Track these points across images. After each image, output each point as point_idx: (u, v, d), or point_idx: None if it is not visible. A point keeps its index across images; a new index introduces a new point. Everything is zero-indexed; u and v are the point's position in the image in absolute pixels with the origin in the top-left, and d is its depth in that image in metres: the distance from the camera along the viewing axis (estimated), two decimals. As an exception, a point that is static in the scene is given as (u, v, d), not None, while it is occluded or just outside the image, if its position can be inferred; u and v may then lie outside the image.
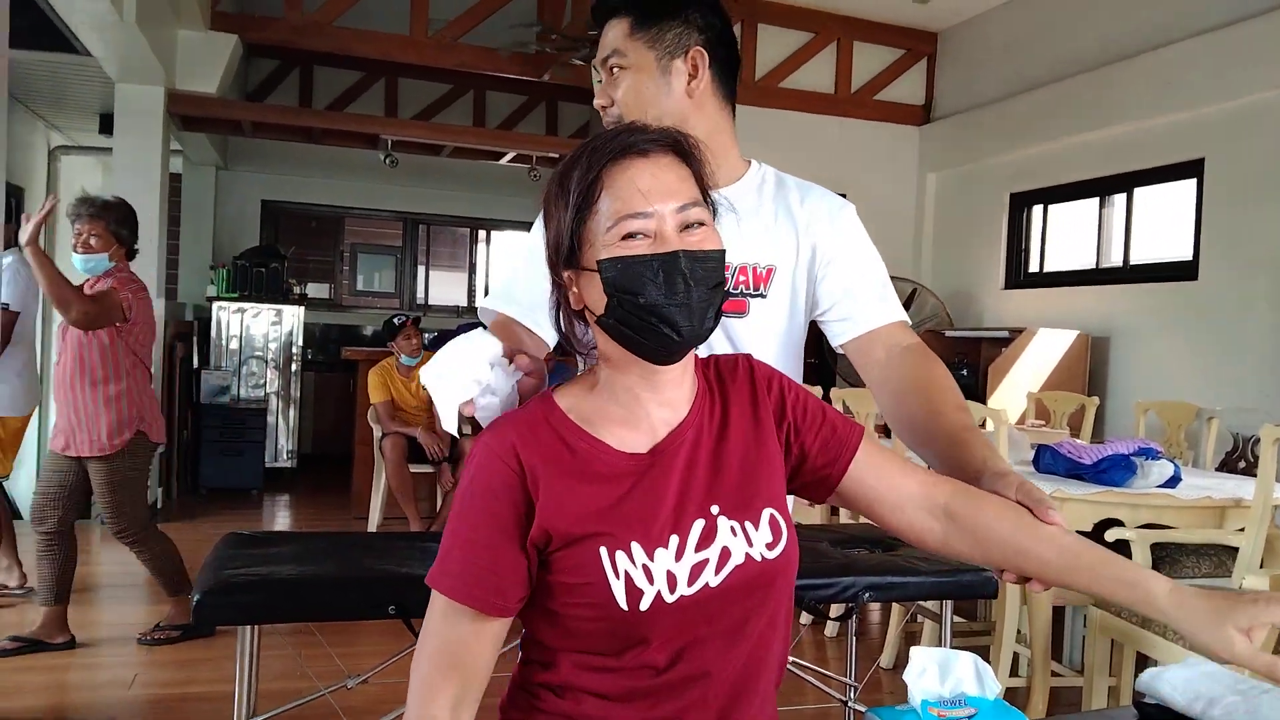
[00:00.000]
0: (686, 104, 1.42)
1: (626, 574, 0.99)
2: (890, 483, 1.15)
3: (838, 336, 1.48)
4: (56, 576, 3.42)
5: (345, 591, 1.93)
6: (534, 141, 7.15)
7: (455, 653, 1.01)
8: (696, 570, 1.01)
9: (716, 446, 1.08)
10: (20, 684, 3.13)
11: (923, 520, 1.15)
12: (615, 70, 1.42)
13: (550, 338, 1.40)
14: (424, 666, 1.02)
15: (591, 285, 1.02)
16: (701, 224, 1.03)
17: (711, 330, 1.04)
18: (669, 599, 0.99)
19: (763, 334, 1.44)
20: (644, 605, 0.99)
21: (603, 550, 0.99)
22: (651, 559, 1.00)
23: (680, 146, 1.05)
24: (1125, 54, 5.14)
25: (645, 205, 1.00)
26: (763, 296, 1.44)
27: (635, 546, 1.00)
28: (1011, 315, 5.97)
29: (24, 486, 7.31)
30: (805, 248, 1.46)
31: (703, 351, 1.13)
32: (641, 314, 0.99)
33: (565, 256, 1.04)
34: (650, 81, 1.41)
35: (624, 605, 0.98)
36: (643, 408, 1.06)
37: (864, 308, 1.45)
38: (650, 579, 0.99)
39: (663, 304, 0.99)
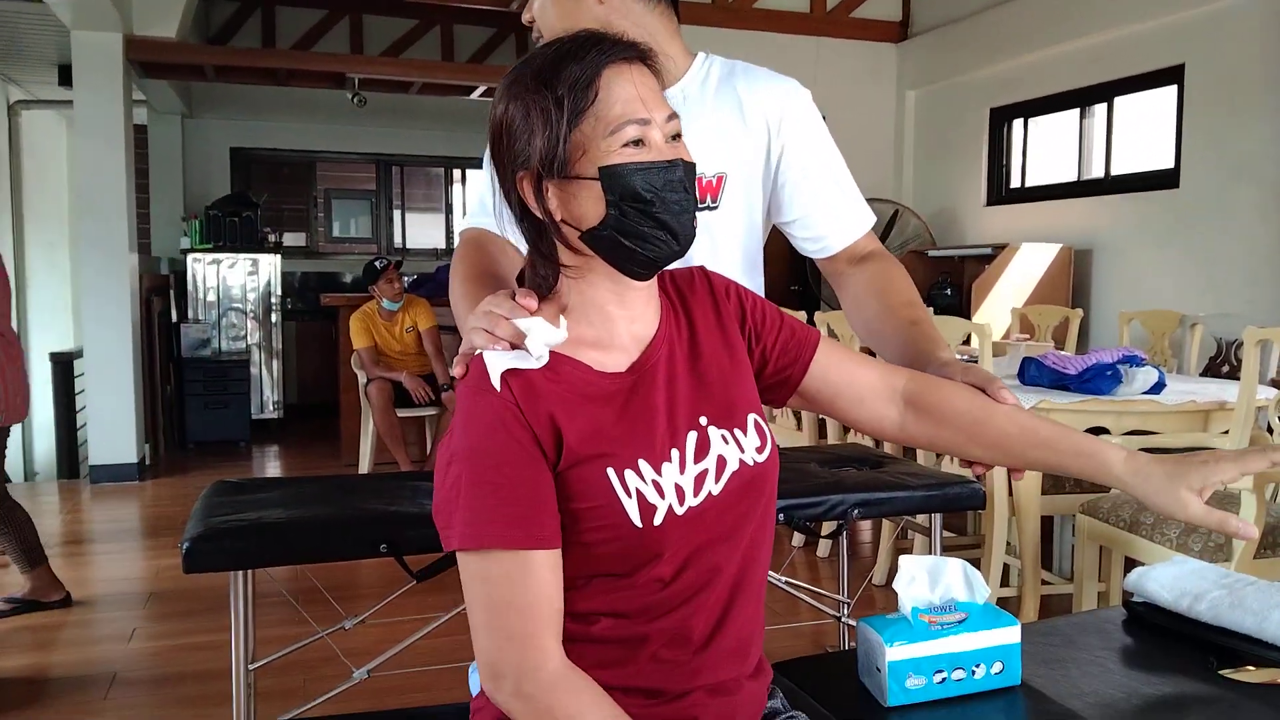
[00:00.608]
0: (600, 11, 1.34)
1: (638, 491, 0.98)
2: (850, 377, 1.18)
3: (810, 252, 1.47)
4: (19, 542, 3.34)
5: (336, 532, 1.92)
6: (504, 73, 6.99)
7: (534, 604, 0.94)
8: (699, 480, 1.01)
9: (691, 359, 1.08)
10: (20, 642, 3.15)
11: (883, 409, 1.19)
12: None
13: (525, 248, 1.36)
14: (521, 625, 0.94)
15: (583, 196, 0.97)
16: (680, 136, 1.01)
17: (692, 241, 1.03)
18: (679, 511, 0.99)
19: (717, 248, 1.39)
20: (657, 520, 0.98)
21: (610, 471, 0.97)
22: (659, 474, 0.99)
23: (650, 57, 1.02)
24: (1103, -41, 5.05)
25: (645, 111, 0.97)
26: (713, 208, 1.39)
27: (643, 464, 0.99)
28: (994, 232, 5.95)
29: None
30: (759, 148, 1.39)
31: None
32: (648, 223, 0.97)
33: (557, 166, 0.97)
34: None
35: (638, 523, 0.97)
36: (615, 325, 1.04)
37: (835, 225, 1.42)
38: (661, 494, 0.99)
39: (668, 211, 0.98)
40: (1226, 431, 2.72)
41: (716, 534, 1.03)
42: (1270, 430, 2.79)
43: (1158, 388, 2.84)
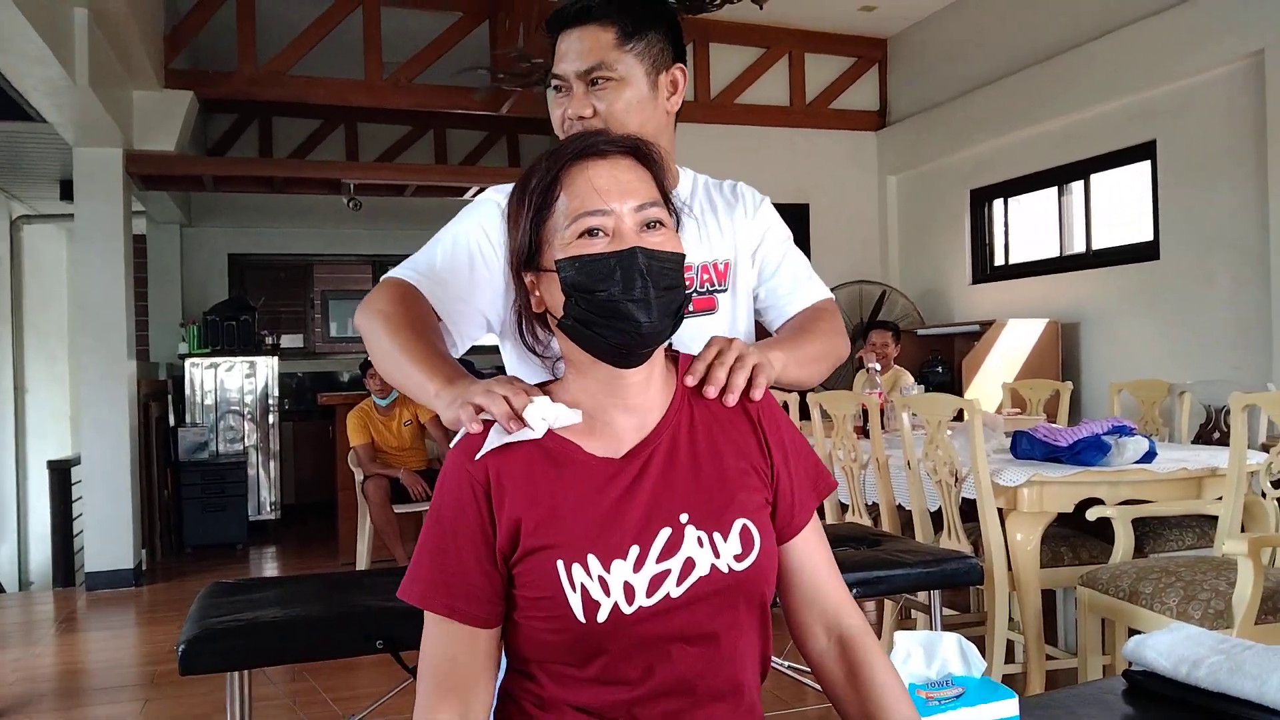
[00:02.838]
0: (665, 121, 1.43)
1: (583, 586, 0.98)
2: (814, 578, 1.13)
3: (774, 318, 1.55)
4: None
5: (331, 629, 1.92)
6: (497, 175, 7.17)
7: (448, 670, 1.00)
8: (657, 581, 0.99)
9: (692, 454, 1.06)
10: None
11: (818, 627, 1.14)
12: (600, 82, 1.36)
13: (458, 343, 1.34)
14: (423, 685, 1.01)
15: (551, 286, 1.02)
16: (661, 224, 1.03)
17: (672, 330, 1.03)
18: (626, 610, 0.98)
19: (731, 328, 1.47)
20: (601, 617, 0.97)
21: (559, 563, 0.98)
22: (608, 570, 0.98)
23: (639, 150, 1.06)
24: (1071, 44, 5.24)
25: (602, 203, 1.00)
26: (725, 290, 1.47)
27: (591, 558, 0.99)
28: (981, 309, 6.03)
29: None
30: (746, 239, 1.50)
31: (681, 350, 1.14)
32: (599, 311, 0.98)
33: (526, 259, 1.04)
34: (640, 95, 1.38)
35: (581, 618, 0.97)
36: (606, 415, 1.05)
37: (801, 298, 1.53)
38: (606, 591, 0.98)
39: (620, 299, 0.97)
40: (1220, 498, 2.73)
41: (681, 638, 1.00)
42: (1264, 495, 2.79)
43: (1149, 457, 2.86)
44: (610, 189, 1.01)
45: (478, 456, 1.01)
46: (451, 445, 1.09)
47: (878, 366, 4.28)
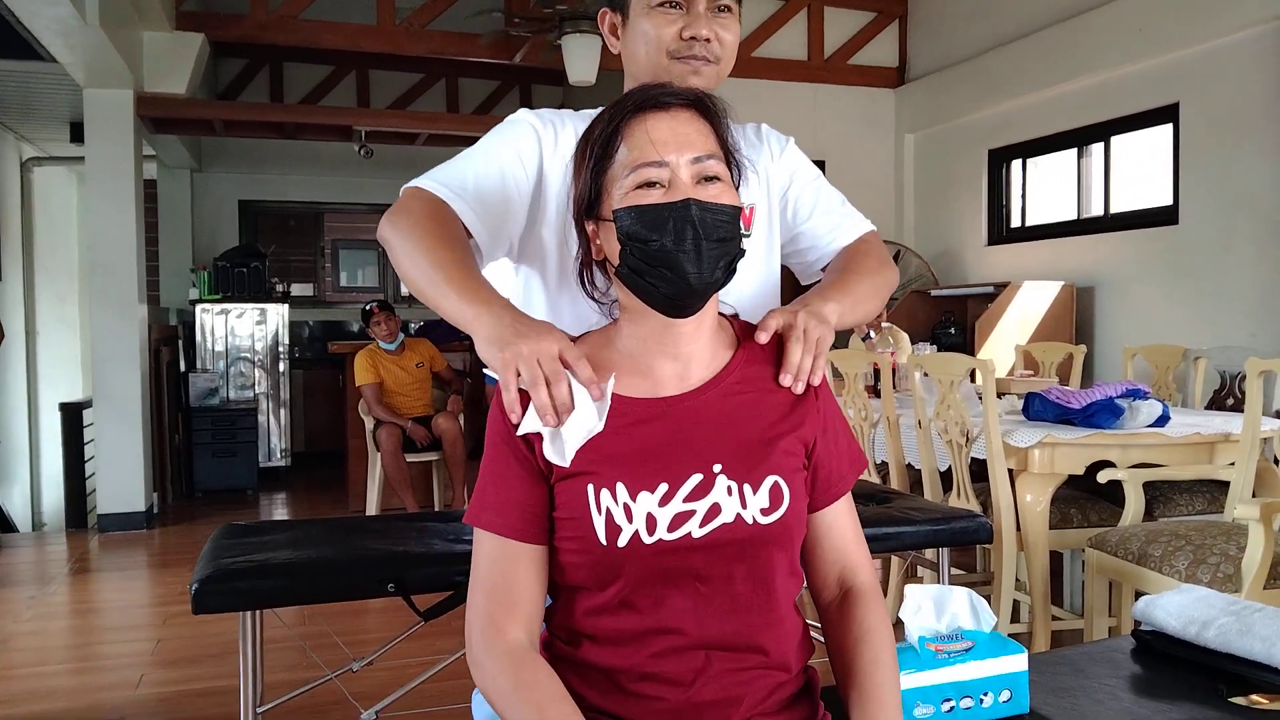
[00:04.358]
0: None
1: (608, 510, 1.02)
2: (841, 544, 1.18)
3: (814, 260, 1.53)
4: None
5: (343, 572, 1.93)
6: None
7: (507, 585, 1.04)
8: (680, 519, 1.02)
9: (737, 411, 1.09)
10: (28, 689, 3.14)
11: (831, 584, 1.18)
12: (723, 10, 1.35)
13: (482, 263, 1.31)
14: (482, 604, 1.05)
15: (609, 235, 1.06)
16: (718, 178, 1.05)
17: (721, 282, 1.06)
18: (647, 540, 1.01)
19: (751, 274, 1.44)
20: (621, 542, 1.01)
21: (590, 487, 1.02)
22: (634, 499, 1.02)
23: (703, 104, 1.08)
24: (1095, 4, 5.13)
25: (659, 154, 1.02)
26: (748, 236, 1.45)
27: (620, 486, 1.02)
28: (996, 271, 5.98)
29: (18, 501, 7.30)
30: (774, 182, 1.48)
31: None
32: (651, 260, 1.01)
33: (587, 207, 1.08)
34: (738, 31, 1.40)
35: (603, 540, 1.01)
36: (652, 358, 1.09)
37: (842, 235, 1.50)
38: (630, 517, 1.01)
39: (672, 250, 1.01)
40: (1233, 463, 2.73)
41: (692, 576, 1.03)
42: (1276, 461, 2.79)
43: (1162, 421, 2.85)
44: (668, 141, 1.03)
45: (518, 433, 1.05)
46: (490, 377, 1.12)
47: (872, 335, 4.23)
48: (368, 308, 5.41)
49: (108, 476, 5.51)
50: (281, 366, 7.50)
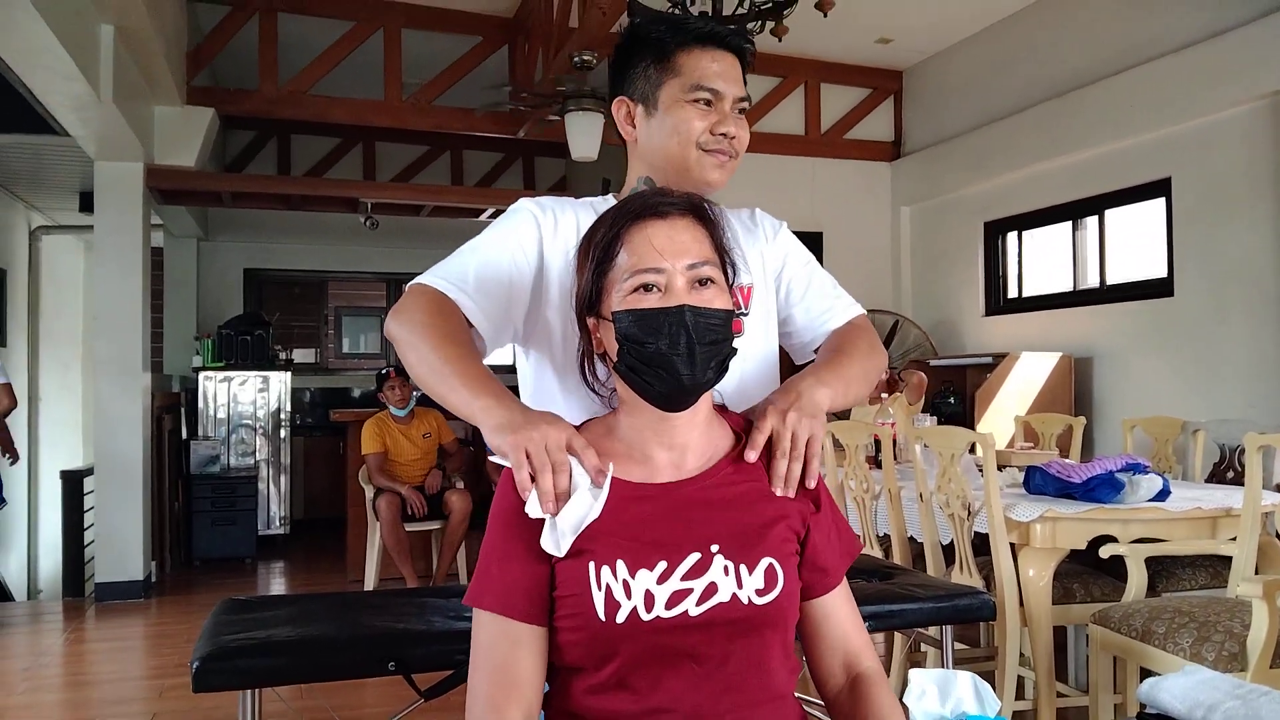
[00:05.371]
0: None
1: (608, 586, 1.05)
2: (841, 630, 1.21)
3: (808, 340, 1.56)
4: None
5: (343, 650, 1.92)
6: (512, 197, 6.97)
7: (507, 667, 1.06)
8: (678, 597, 1.06)
9: (733, 498, 1.14)
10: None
11: (837, 668, 1.21)
12: (742, 112, 1.43)
13: (486, 350, 1.35)
14: (482, 686, 1.07)
15: (609, 333, 1.12)
16: (711, 281, 1.11)
17: (713, 381, 1.11)
18: (645, 617, 1.04)
19: (750, 351, 1.47)
20: (620, 618, 1.04)
21: (591, 565, 1.06)
22: (633, 576, 1.05)
23: (699, 210, 1.14)
24: (1087, 80, 5.26)
25: (658, 261, 1.08)
26: (746, 314, 1.50)
27: (619, 563, 1.06)
28: (994, 341, 6.03)
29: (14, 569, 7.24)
30: (769, 263, 1.53)
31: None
32: (648, 361, 1.07)
33: (589, 304, 1.14)
34: None
35: (602, 616, 1.04)
36: (649, 448, 1.14)
37: (834, 318, 1.55)
38: (629, 594, 1.05)
39: (667, 354, 1.06)
40: (1234, 538, 2.72)
41: (688, 656, 1.06)
42: (1278, 535, 2.78)
43: (1163, 495, 2.85)
44: (665, 248, 1.09)
45: (529, 515, 1.07)
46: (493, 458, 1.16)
47: (885, 397, 4.27)
48: (383, 371, 5.37)
49: (106, 545, 5.48)
50: (282, 433, 7.50)
